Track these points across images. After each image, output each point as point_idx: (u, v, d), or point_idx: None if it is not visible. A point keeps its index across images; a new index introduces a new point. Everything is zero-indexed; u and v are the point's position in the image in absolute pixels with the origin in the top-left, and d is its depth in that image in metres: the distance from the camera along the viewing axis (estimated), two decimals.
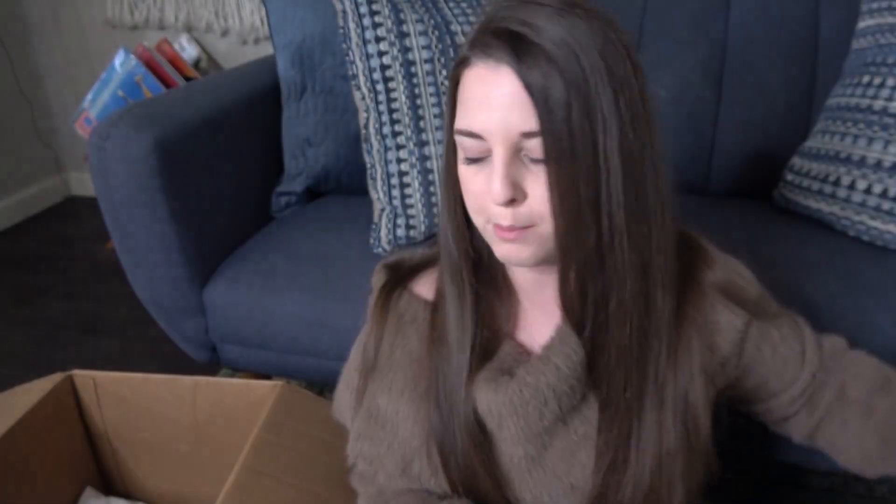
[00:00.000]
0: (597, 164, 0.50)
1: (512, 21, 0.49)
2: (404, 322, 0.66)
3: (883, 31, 1.09)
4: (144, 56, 1.84)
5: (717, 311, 0.63)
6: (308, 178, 1.35)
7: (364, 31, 1.12)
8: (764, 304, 0.68)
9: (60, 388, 0.90)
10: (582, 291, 0.56)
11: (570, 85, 0.48)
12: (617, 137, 0.50)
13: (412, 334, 0.65)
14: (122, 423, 0.95)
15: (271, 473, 0.71)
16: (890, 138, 1.02)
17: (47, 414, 0.88)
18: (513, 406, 0.58)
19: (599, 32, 0.50)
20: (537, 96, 0.48)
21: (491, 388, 0.59)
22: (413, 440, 0.63)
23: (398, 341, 0.65)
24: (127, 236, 1.10)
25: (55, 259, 2.10)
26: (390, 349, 0.65)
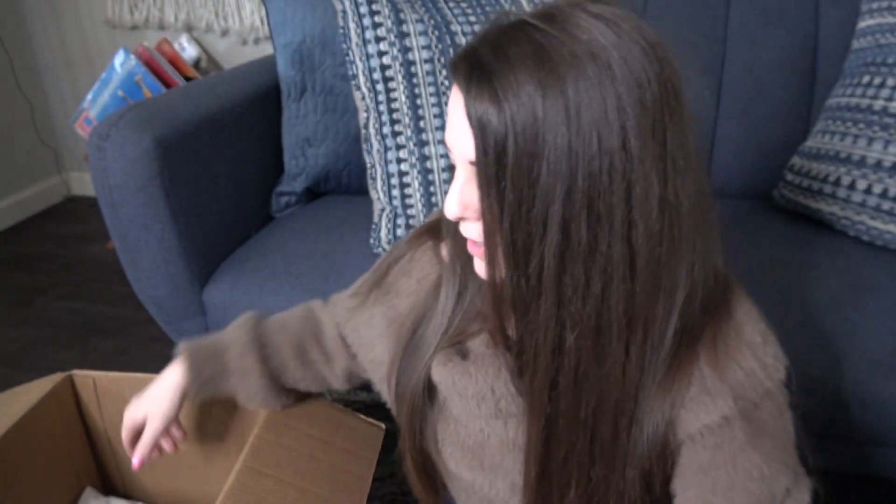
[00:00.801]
0: (532, 213, 0.47)
1: (487, 44, 0.48)
2: (413, 267, 0.69)
3: (883, 31, 1.09)
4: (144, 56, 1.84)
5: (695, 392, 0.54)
6: (308, 178, 1.35)
7: (364, 31, 1.12)
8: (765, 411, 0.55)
9: (60, 388, 0.90)
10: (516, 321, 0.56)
11: (511, 128, 0.46)
12: (561, 193, 0.46)
13: (414, 283, 0.68)
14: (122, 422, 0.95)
15: (272, 473, 0.71)
16: (890, 138, 1.02)
17: (47, 414, 0.88)
18: (455, 388, 0.62)
19: (587, 70, 0.45)
20: (475, 129, 0.47)
21: (441, 363, 0.62)
22: (382, 367, 0.69)
23: (402, 280, 0.69)
24: (127, 236, 1.10)
25: (55, 259, 2.10)
26: (397, 278, 0.70)
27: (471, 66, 0.47)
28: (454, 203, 0.52)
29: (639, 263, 0.49)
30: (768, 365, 0.55)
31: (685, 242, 0.50)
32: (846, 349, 0.88)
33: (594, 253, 0.48)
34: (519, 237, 0.49)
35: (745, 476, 0.54)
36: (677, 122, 0.48)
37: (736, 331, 0.55)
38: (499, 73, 0.46)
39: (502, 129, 0.46)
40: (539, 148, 0.46)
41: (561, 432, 0.55)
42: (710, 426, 0.54)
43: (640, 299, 0.50)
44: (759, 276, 1.00)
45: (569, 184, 0.46)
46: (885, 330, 0.89)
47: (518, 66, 0.46)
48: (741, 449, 0.54)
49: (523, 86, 0.45)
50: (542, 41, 0.46)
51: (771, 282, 0.99)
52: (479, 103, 0.46)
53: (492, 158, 0.47)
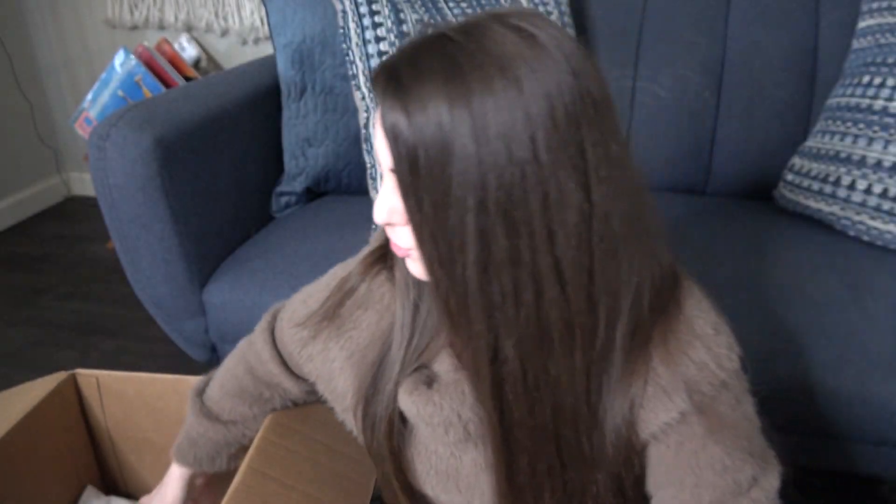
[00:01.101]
0: (448, 222, 0.48)
1: (405, 56, 0.49)
2: (371, 299, 0.68)
3: (883, 30, 1.09)
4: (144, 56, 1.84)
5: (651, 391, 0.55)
6: (308, 178, 1.35)
7: (364, 31, 1.12)
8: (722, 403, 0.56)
9: (63, 386, 0.90)
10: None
11: (420, 139, 0.47)
12: (473, 203, 0.47)
13: (373, 314, 0.68)
14: (125, 422, 0.95)
15: (276, 476, 0.71)
16: (890, 138, 1.02)
17: (50, 413, 0.88)
18: (421, 417, 0.61)
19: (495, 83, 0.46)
20: (390, 140, 0.48)
21: (407, 392, 0.62)
22: (345, 398, 0.68)
23: (360, 314, 0.69)
24: (127, 236, 1.10)
25: (55, 259, 2.10)
26: (355, 311, 0.69)
27: (387, 79, 0.49)
28: (381, 209, 0.53)
29: (566, 272, 0.49)
30: (721, 356, 0.55)
31: (621, 249, 0.51)
32: (846, 349, 0.88)
33: (519, 262, 0.49)
34: (441, 246, 0.50)
35: (710, 471, 0.55)
36: (597, 133, 0.48)
37: (687, 325, 0.55)
38: (409, 86, 0.47)
39: (412, 139, 0.47)
40: (448, 159, 0.47)
41: (522, 441, 0.56)
42: (670, 423, 0.55)
43: (575, 306, 0.50)
44: (759, 276, 1.00)
45: (481, 193, 0.47)
46: (885, 330, 0.89)
47: (428, 78, 0.47)
48: (702, 444, 0.55)
49: (431, 98, 0.46)
50: (455, 54, 0.47)
51: (771, 282, 0.99)
52: (391, 114, 0.48)
53: (405, 168, 0.48)
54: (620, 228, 0.50)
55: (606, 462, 0.56)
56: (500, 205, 0.47)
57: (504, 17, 0.49)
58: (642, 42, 1.33)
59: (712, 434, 0.55)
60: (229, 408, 0.80)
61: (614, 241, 0.50)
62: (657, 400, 0.54)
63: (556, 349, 0.52)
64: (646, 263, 0.53)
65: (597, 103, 0.48)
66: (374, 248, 0.71)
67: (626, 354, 0.54)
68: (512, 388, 0.53)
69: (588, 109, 0.48)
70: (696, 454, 0.55)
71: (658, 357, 0.54)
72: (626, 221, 0.50)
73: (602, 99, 0.49)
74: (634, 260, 0.52)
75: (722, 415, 0.55)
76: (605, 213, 0.49)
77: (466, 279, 0.50)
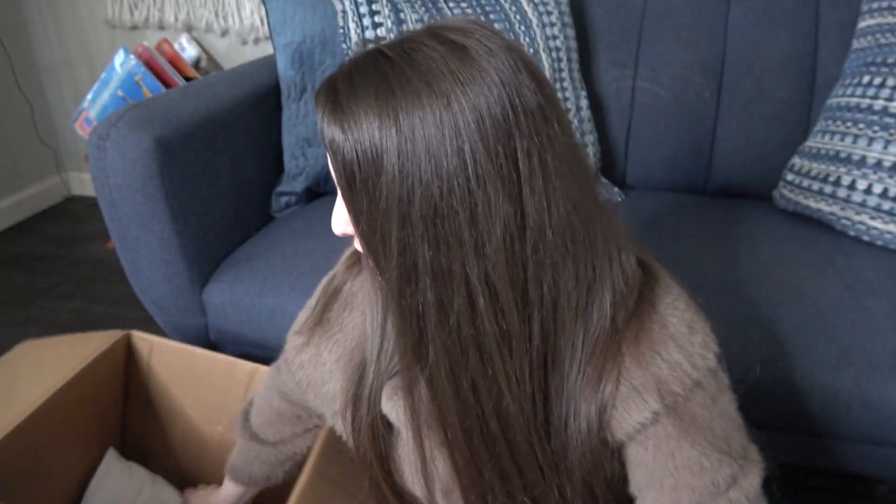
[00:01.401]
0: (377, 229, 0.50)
1: (344, 73, 0.50)
2: (354, 300, 0.69)
3: (883, 30, 1.09)
4: (144, 56, 1.84)
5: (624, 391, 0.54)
6: (308, 178, 1.35)
7: (364, 32, 1.12)
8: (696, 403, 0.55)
9: (117, 345, 0.90)
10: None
11: (354, 153, 0.48)
12: (396, 217, 0.48)
13: (358, 315, 0.69)
14: (166, 392, 0.94)
15: (338, 481, 0.71)
16: (890, 138, 1.02)
17: (99, 371, 0.88)
18: (401, 421, 0.62)
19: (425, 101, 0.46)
20: (329, 153, 0.50)
21: (388, 397, 0.63)
22: (335, 401, 0.69)
23: (347, 315, 0.70)
24: (127, 236, 1.10)
25: (55, 259, 2.10)
26: (341, 313, 0.70)
27: (326, 95, 0.50)
28: (336, 220, 0.56)
29: (498, 283, 0.49)
30: (694, 355, 0.54)
31: (562, 259, 0.50)
32: (846, 349, 0.88)
33: (447, 272, 0.49)
34: (375, 254, 0.51)
35: (687, 472, 0.55)
36: (532, 144, 0.48)
37: (660, 325, 0.55)
38: (345, 102, 0.48)
39: (348, 154, 0.48)
40: (378, 173, 0.47)
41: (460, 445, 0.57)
42: (644, 423, 0.54)
43: (508, 318, 0.50)
44: (760, 276, 1.00)
45: (405, 207, 0.47)
46: (885, 330, 0.89)
47: (361, 95, 0.48)
48: (677, 446, 0.55)
49: (363, 114, 0.47)
50: (386, 70, 0.48)
51: (771, 282, 0.99)
52: (329, 129, 0.49)
53: (344, 181, 0.50)
54: (556, 239, 0.50)
55: (571, 468, 0.56)
56: (426, 218, 0.47)
57: (440, 30, 0.50)
58: (642, 42, 1.33)
59: (687, 435, 0.54)
60: (272, 432, 0.82)
61: (551, 251, 0.50)
62: (630, 400, 0.54)
63: (492, 356, 0.52)
64: (602, 269, 0.53)
65: (531, 113, 0.48)
66: (355, 247, 0.71)
67: (588, 359, 0.54)
68: (441, 393, 0.54)
69: (520, 120, 0.47)
70: (673, 455, 0.55)
71: (630, 356, 0.54)
72: (567, 231, 0.50)
73: (538, 108, 0.48)
74: (582, 268, 0.52)
75: (696, 415, 0.55)
76: (538, 225, 0.49)
77: (391, 286, 0.51)
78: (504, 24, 1.17)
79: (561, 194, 0.49)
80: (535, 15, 1.20)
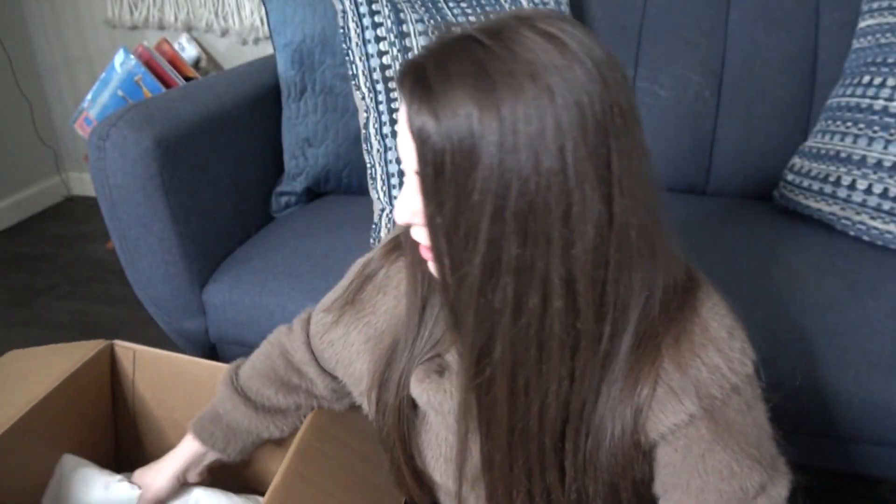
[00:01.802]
0: (465, 228, 0.48)
1: (432, 57, 0.48)
2: (388, 284, 0.69)
3: (883, 30, 1.09)
4: (144, 56, 1.84)
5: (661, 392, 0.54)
6: (308, 178, 1.35)
7: (364, 31, 1.12)
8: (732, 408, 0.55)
9: (100, 355, 0.89)
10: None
11: (448, 143, 0.46)
12: (490, 211, 0.47)
13: (392, 299, 0.69)
14: (153, 400, 0.94)
15: (314, 479, 0.71)
16: (890, 138, 1.02)
17: (83, 380, 0.87)
18: (431, 405, 0.62)
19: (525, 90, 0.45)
20: (417, 142, 0.48)
21: (419, 380, 0.63)
22: (362, 382, 0.70)
23: (377, 298, 0.70)
24: (127, 236, 1.10)
25: (55, 259, 2.09)
26: (374, 295, 0.70)
27: (414, 80, 0.48)
28: (403, 210, 0.53)
29: (579, 284, 0.49)
30: (734, 360, 0.54)
31: (636, 262, 0.50)
32: (846, 349, 0.88)
33: (529, 270, 0.48)
34: (455, 249, 0.50)
35: (716, 476, 0.55)
36: (624, 144, 0.48)
37: (701, 328, 0.55)
38: (438, 89, 0.46)
39: (440, 143, 0.46)
40: (473, 164, 0.46)
41: (498, 441, 0.56)
42: (679, 425, 0.54)
43: (583, 317, 0.50)
44: (760, 276, 1.00)
45: (500, 202, 0.46)
46: (885, 330, 0.89)
47: (457, 82, 0.46)
48: (709, 448, 0.54)
49: (461, 103, 0.45)
50: (483, 58, 0.46)
51: (771, 282, 0.99)
52: (419, 117, 0.47)
53: (430, 171, 0.48)
54: (636, 241, 0.50)
55: (599, 469, 0.56)
56: (519, 214, 0.46)
57: (531, 20, 0.48)
58: (642, 42, 1.33)
59: (720, 439, 0.54)
60: (256, 388, 0.80)
61: (629, 253, 0.50)
62: (666, 402, 0.54)
63: (553, 357, 0.51)
64: (658, 274, 0.53)
65: (624, 114, 0.48)
66: (395, 234, 0.72)
67: (631, 363, 0.53)
68: (497, 389, 0.54)
69: (616, 120, 0.47)
70: (703, 458, 0.55)
71: (669, 358, 0.54)
72: (643, 233, 0.50)
73: (629, 109, 0.48)
74: (647, 271, 0.51)
75: (731, 420, 0.55)
76: (623, 226, 0.49)
77: (466, 281, 0.50)
78: None
79: (642, 196, 0.49)
80: None
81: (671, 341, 0.54)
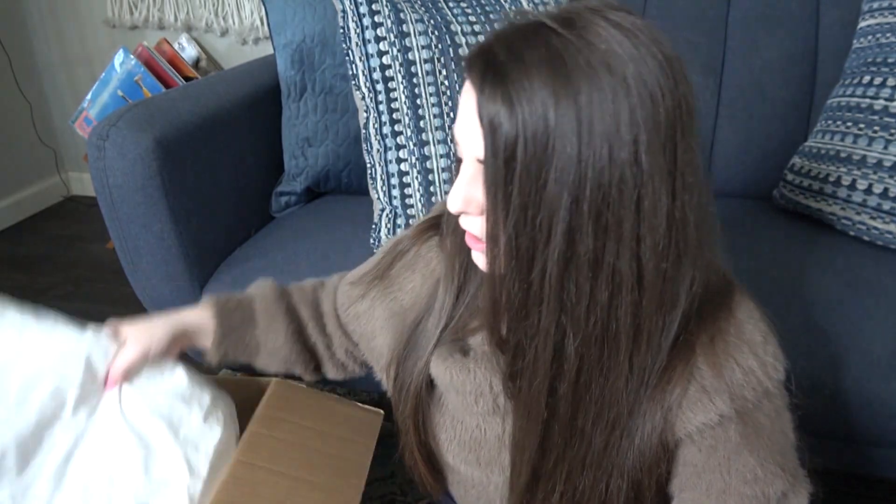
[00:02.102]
0: (537, 219, 0.47)
1: (503, 44, 0.47)
2: (418, 262, 0.69)
3: (883, 30, 1.09)
4: (144, 56, 1.84)
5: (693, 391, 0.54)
6: (308, 178, 1.35)
7: (364, 31, 1.12)
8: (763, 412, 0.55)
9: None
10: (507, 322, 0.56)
11: (522, 132, 0.45)
12: (567, 203, 0.46)
13: (419, 278, 0.68)
14: None
15: (264, 465, 0.70)
16: (890, 138, 1.02)
17: None
18: (452, 384, 0.62)
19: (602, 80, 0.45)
20: (486, 130, 0.47)
21: (442, 358, 0.62)
22: (382, 357, 0.70)
23: (405, 274, 0.69)
24: (127, 236, 1.10)
25: (55, 259, 2.09)
26: (400, 272, 0.70)
27: (485, 65, 0.47)
28: (458, 198, 0.52)
29: (646, 277, 0.48)
30: (768, 364, 0.54)
31: (688, 257, 0.50)
32: (846, 349, 0.88)
33: (601, 264, 0.48)
34: (522, 241, 0.48)
35: (739, 479, 0.54)
36: (688, 139, 0.48)
37: (736, 329, 0.55)
38: (513, 76, 0.45)
39: (513, 132, 0.46)
40: (548, 155, 0.45)
41: (555, 438, 0.55)
42: (709, 424, 0.54)
43: (646, 312, 0.50)
44: (759, 276, 1.00)
45: (576, 193, 0.46)
46: (885, 330, 0.89)
47: (533, 70, 0.45)
48: (736, 451, 0.54)
49: (537, 91, 0.45)
50: (559, 47, 0.45)
51: (771, 282, 0.99)
52: (491, 104, 0.46)
53: (500, 161, 0.47)
54: (692, 236, 0.50)
55: (627, 469, 0.55)
56: (594, 205, 0.46)
57: (601, 11, 0.48)
58: None
59: (748, 443, 0.54)
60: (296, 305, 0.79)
61: (686, 248, 0.50)
62: (697, 401, 0.54)
63: (619, 355, 0.51)
64: (701, 271, 0.53)
65: (689, 109, 0.48)
66: (431, 216, 0.71)
67: (665, 361, 0.53)
68: (563, 388, 0.53)
69: (683, 115, 0.47)
70: (729, 460, 0.54)
71: (704, 357, 0.54)
72: (697, 229, 0.50)
73: (693, 105, 0.48)
74: (695, 272, 0.52)
75: (760, 424, 0.54)
76: (683, 221, 0.49)
77: (545, 277, 0.49)
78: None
79: (698, 192, 0.49)
80: None
81: (706, 340, 0.54)
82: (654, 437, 0.54)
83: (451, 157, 1.14)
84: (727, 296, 0.56)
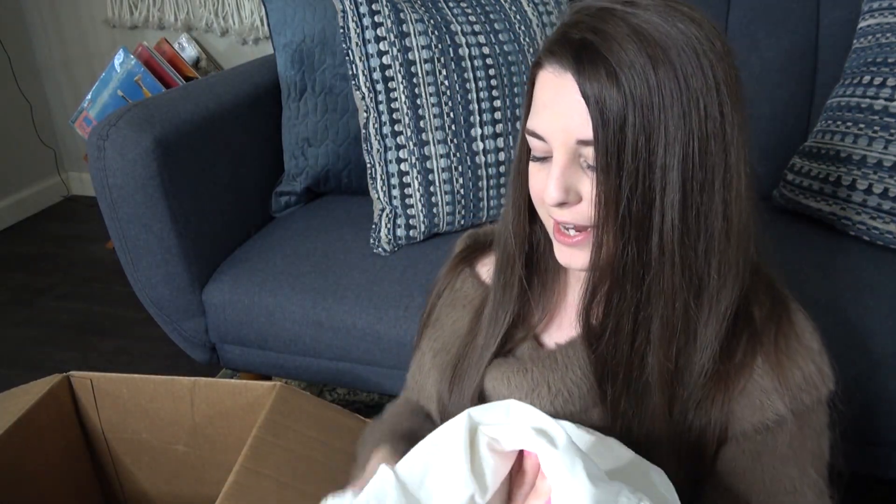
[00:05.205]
0: (651, 181, 0.49)
1: (584, 28, 0.49)
2: (457, 297, 0.69)
3: (884, 30, 1.09)
4: (144, 56, 1.84)
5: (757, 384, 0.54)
6: (308, 178, 1.35)
7: (364, 31, 1.12)
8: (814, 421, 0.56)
9: (58, 389, 0.90)
10: (608, 305, 0.55)
11: (630, 99, 0.47)
12: (679, 157, 0.48)
13: (460, 311, 0.69)
14: (120, 424, 0.94)
15: (269, 474, 0.71)
16: (890, 138, 1.02)
17: (44, 416, 0.88)
18: (509, 388, 0.61)
19: (681, 43, 0.48)
20: (593, 107, 0.48)
21: (496, 370, 0.61)
22: (433, 399, 0.68)
23: (447, 311, 0.70)
24: (127, 236, 1.10)
25: (55, 259, 2.09)
26: (442, 312, 0.70)
27: (577, 48, 0.49)
28: (559, 188, 0.52)
29: (734, 225, 0.51)
30: (824, 373, 0.56)
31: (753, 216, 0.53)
32: (846, 349, 0.88)
33: (708, 215, 0.50)
34: (636, 209, 0.50)
35: (779, 488, 0.55)
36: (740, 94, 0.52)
37: (797, 335, 0.56)
38: (608, 51, 0.48)
39: (622, 102, 0.48)
40: (657, 117, 0.48)
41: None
42: (760, 427, 0.54)
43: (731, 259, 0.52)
44: None
45: (685, 149, 0.48)
46: (885, 330, 0.89)
47: (625, 43, 0.48)
48: (782, 461, 0.55)
49: (635, 60, 0.47)
50: (636, 22, 0.48)
51: None
52: (594, 81, 0.48)
53: (612, 133, 0.48)
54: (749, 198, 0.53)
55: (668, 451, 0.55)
56: (698, 157, 0.49)
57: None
58: None
59: (794, 453, 0.55)
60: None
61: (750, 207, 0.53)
62: (755, 399, 0.54)
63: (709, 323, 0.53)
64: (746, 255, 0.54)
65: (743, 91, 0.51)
66: (460, 250, 0.72)
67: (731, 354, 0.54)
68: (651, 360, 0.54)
69: (742, 97, 0.51)
70: (775, 469, 0.55)
71: (765, 357, 0.54)
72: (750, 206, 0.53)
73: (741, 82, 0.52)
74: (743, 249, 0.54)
75: (810, 433, 0.55)
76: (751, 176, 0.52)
77: (664, 237, 0.50)
78: (504, 23, 1.17)
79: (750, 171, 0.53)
80: (535, 15, 1.20)
81: (767, 341, 0.55)
82: (708, 431, 0.55)
83: (454, 158, 1.14)
84: (786, 301, 0.58)
